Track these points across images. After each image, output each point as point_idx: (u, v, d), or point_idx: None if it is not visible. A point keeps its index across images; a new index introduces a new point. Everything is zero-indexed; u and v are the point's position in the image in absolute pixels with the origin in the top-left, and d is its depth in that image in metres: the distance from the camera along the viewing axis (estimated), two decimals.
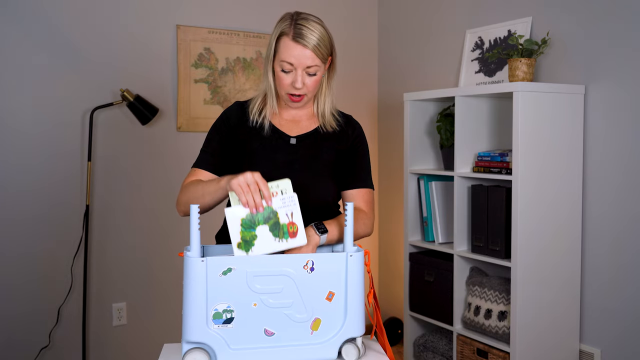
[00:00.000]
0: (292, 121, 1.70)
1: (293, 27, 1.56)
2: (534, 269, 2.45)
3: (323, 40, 1.57)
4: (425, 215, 2.98)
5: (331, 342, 1.34)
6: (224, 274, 1.29)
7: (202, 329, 1.29)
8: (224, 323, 1.30)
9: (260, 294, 1.31)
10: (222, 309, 1.30)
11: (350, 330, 1.35)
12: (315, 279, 1.33)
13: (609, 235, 2.51)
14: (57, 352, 2.94)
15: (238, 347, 1.30)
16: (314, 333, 1.33)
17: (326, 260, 1.33)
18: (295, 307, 1.32)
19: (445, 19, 3.33)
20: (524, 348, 2.45)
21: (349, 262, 1.34)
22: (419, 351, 3.02)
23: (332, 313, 1.34)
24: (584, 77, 2.57)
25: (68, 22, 2.91)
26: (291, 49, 1.55)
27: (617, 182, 2.48)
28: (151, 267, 3.17)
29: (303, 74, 1.58)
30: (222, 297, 1.29)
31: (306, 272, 1.32)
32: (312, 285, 1.33)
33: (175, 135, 3.20)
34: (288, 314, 1.32)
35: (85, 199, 2.95)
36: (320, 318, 1.33)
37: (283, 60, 1.57)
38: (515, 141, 2.40)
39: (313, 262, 1.32)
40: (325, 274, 1.33)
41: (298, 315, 1.33)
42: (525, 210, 2.42)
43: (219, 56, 3.29)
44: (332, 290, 1.34)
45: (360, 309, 1.35)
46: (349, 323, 1.34)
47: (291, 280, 1.32)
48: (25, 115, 2.84)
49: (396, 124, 3.69)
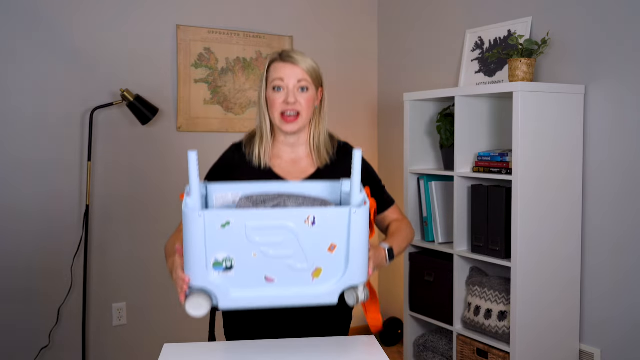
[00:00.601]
0: (292, 163, 1.68)
1: (282, 54, 1.62)
2: (534, 268, 2.45)
3: (312, 66, 1.62)
4: (425, 215, 2.98)
5: (332, 288, 1.32)
6: (223, 227, 1.27)
7: (203, 275, 1.29)
8: (224, 270, 1.29)
9: (260, 245, 1.28)
10: (222, 258, 1.29)
11: (353, 278, 1.32)
12: (317, 232, 1.29)
13: (609, 236, 2.51)
14: (57, 352, 2.94)
15: (239, 292, 1.30)
16: (315, 280, 1.31)
17: (329, 214, 1.29)
18: (296, 257, 1.30)
19: (445, 19, 3.33)
20: (524, 348, 2.45)
21: (352, 217, 1.29)
22: (419, 351, 3.02)
23: (333, 263, 1.31)
24: (584, 77, 2.57)
25: (68, 22, 2.91)
26: (281, 67, 1.60)
27: (617, 181, 2.48)
28: (151, 267, 3.17)
29: (294, 89, 1.60)
30: (222, 247, 1.28)
31: (308, 226, 1.29)
32: (314, 237, 1.29)
33: (175, 135, 3.20)
34: (289, 264, 1.30)
35: (85, 199, 2.95)
36: (322, 267, 1.31)
37: (274, 78, 1.60)
38: (515, 141, 2.40)
39: (315, 216, 1.28)
40: (327, 227, 1.29)
41: (299, 265, 1.30)
42: (525, 210, 2.42)
43: (219, 56, 3.29)
44: (334, 243, 1.30)
45: (363, 259, 1.32)
46: (350, 271, 1.32)
47: (292, 233, 1.29)
48: (25, 115, 2.84)
49: (396, 124, 3.69)
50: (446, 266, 2.80)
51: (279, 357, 1.43)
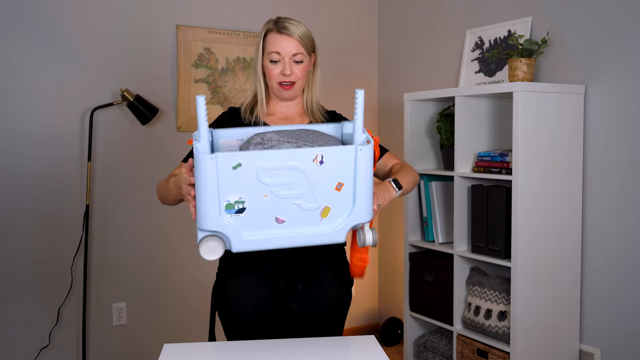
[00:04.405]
0: (284, 119, 1.77)
1: (277, 24, 1.70)
2: (534, 268, 2.45)
3: (306, 34, 1.71)
4: (425, 215, 2.98)
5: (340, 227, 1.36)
6: (234, 169, 1.29)
7: (215, 218, 1.31)
8: (236, 213, 1.31)
9: (271, 186, 1.31)
10: (234, 200, 1.31)
11: (359, 216, 1.37)
12: (325, 170, 1.33)
13: (609, 236, 2.51)
14: (57, 352, 2.94)
15: (250, 234, 1.33)
16: (323, 219, 1.35)
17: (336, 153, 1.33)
18: (305, 197, 1.33)
19: (445, 19, 3.33)
20: (524, 348, 2.45)
21: (358, 155, 1.34)
22: (419, 351, 3.02)
23: (341, 201, 1.35)
24: (584, 77, 2.57)
25: (68, 22, 2.91)
26: (277, 40, 1.68)
27: (617, 181, 2.48)
28: (151, 267, 3.17)
29: (290, 62, 1.69)
30: (233, 189, 1.30)
31: (316, 165, 1.32)
32: (322, 176, 1.33)
33: (175, 135, 3.20)
34: (298, 204, 1.33)
35: (85, 199, 2.95)
36: (330, 206, 1.35)
37: (271, 52, 1.69)
38: (515, 141, 2.40)
39: (322, 155, 1.32)
40: (334, 166, 1.33)
41: (308, 205, 1.34)
42: (525, 210, 2.42)
43: (219, 56, 3.29)
44: (341, 181, 1.34)
45: (368, 197, 1.37)
46: (357, 209, 1.36)
47: (301, 173, 1.32)
48: (26, 115, 2.84)
49: (396, 124, 3.69)
50: (446, 266, 2.80)
51: (278, 357, 1.43)
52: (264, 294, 1.64)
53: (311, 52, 1.74)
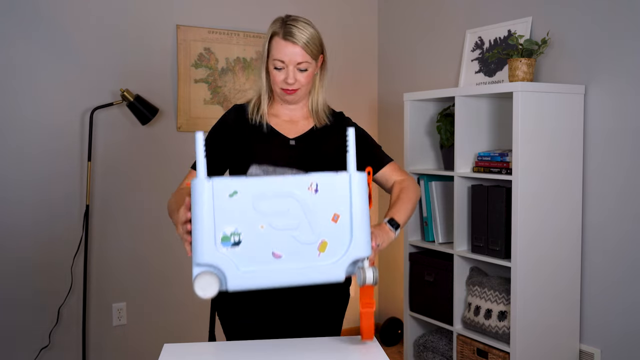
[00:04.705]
0: (289, 122, 1.75)
1: (283, 27, 1.66)
2: (534, 268, 2.46)
3: (312, 39, 1.66)
4: (425, 215, 2.98)
5: (338, 263, 1.34)
6: (230, 197, 1.29)
7: (211, 251, 1.29)
8: (232, 246, 1.30)
9: (267, 216, 1.31)
10: (230, 232, 1.30)
11: (357, 251, 1.35)
12: (320, 199, 1.33)
13: (609, 235, 2.51)
14: (57, 352, 2.94)
15: (247, 269, 1.31)
16: (321, 254, 1.34)
17: (330, 180, 1.34)
18: (302, 228, 1.32)
19: (445, 19, 3.33)
20: (524, 348, 2.45)
21: (353, 182, 1.34)
22: (419, 351, 3.02)
23: (338, 234, 1.34)
24: (584, 77, 2.57)
25: (68, 22, 2.91)
26: (282, 47, 1.65)
27: (617, 181, 2.48)
28: (151, 267, 3.17)
29: (294, 70, 1.66)
30: (230, 219, 1.29)
31: (311, 193, 1.32)
32: (317, 206, 1.33)
33: (175, 135, 3.20)
34: (295, 236, 1.32)
35: (85, 199, 2.95)
36: (327, 240, 1.34)
37: (275, 59, 1.66)
38: (515, 141, 2.40)
39: (317, 183, 1.32)
40: (329, 194, 1.33)
41: (304, 237, 1.32)
42: (525, 210, 2.42)
43: (219, 56, 3.30)
44: (337, 212, 1.34)
45: (365, 230, 1.35)
46: (355, 244, 1.34)
47: (296, 202, 1.32)
48: (26, 115, 2.84)
49: (396, 124, 3.69)
50: (446, 266, 2.80)
51: (278, 357, 1.43)
52: (264, 292, 1.64)
53: (318, 56, 1.70)
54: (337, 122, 1.78)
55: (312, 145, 1.71)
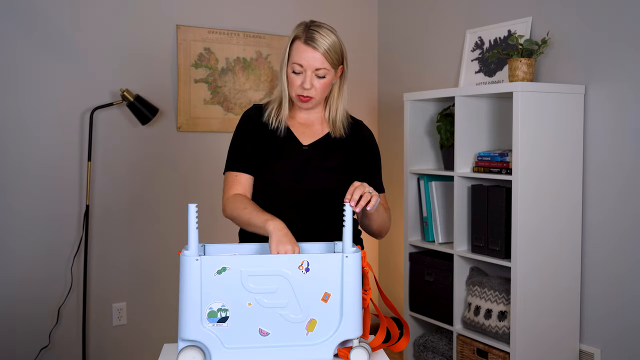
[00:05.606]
0: (305, 125, 1.77)
1: (306, 32, 1.66)
2: (534, 268, 2.45)
3: (334, 46, 1.66)
4: (425, 215, 2.98)
5: (327, 343, 1.32)
6: (219, 273, 1.29)
7: (197, 327, 1.29)
8: (218, 322, 1.30)
9: (255, 294, 1.30)
10: (217, 308, 1.29)
11: (347, 332, 1.33)
12: (311, 279, 1.31)
13: (609, 235, 2.51)
14: (57, 352, 2.94)
15: (232, 346, 1.30)
16: (310, 334, 1.32)
17: (322, 260, 1.32)
18: (290, 307, 1.31)
19: (445, 19, 3.33)
20: (524, 348, 2.45)
21: (345, 263, 1.32)
22: (419, 351, 3.02)
23: (327, 314, 1.32)
24: (584, 77, 2.57)
25: (68, 22, 2.91)
26: (302, 51, 1.65)
27: (617, 181, 2.48)
28: (151, 267, 3.17)
29: (312, 75, 1.66)
30: (217, 295, 1.29)
31: (301, 273, 1.31)
32: (308, 285, 1.31)
33: (175, 135, 3.20)
34: (283, 314, 1.31)
35: (85, 199, 2.95)
36: (316, 319, 1.32)
37: (294, 62, 1.66)
38: (515, 141, 2.40)
39: (308, 262, 1.31)
40: (320, 274, 1.32)
41: (293, 316, 1.31)
42: (525, 210, 2.42)
43: (219, 56, 3.29)
44: (328, 292, 1.32)
45: (357, 311, 1.33)
46: (345, 324, 1.33)
47: (286, 281, 1.31)
48: (26, 115, 2.84)
49: (396, 124, 3.69)
50: (446, 266, 2.80)
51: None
52: None
53: (337, 65, 1.70)
54: (353, 133, 1.80)
55: (324, 152, 1.74)
